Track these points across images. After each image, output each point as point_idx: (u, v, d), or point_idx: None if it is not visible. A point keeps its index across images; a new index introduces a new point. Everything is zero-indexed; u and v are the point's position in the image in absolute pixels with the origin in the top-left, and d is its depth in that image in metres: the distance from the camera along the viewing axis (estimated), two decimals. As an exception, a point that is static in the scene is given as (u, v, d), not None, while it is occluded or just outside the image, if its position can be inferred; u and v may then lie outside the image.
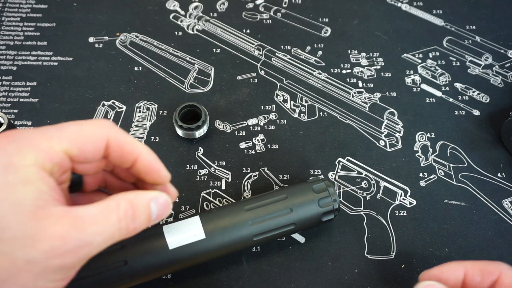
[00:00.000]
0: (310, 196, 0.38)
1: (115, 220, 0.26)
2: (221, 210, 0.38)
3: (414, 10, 0.56)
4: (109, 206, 0.26)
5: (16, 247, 0.23)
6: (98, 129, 0.27)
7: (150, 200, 0.28)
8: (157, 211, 0.28)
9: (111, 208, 0.26)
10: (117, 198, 0.27)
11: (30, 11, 0.54)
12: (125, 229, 0.26)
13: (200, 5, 0.56)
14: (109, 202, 0.26)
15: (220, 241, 0.36)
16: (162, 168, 0.30)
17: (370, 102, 0.49)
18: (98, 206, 0.26)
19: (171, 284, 0.39)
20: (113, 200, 0.26)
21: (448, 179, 0.45)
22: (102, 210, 0.26)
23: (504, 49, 0.53)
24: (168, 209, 0.29)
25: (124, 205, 0.26)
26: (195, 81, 0.50)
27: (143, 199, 0.28)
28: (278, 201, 0.38)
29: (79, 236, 0.24)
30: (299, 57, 0.52)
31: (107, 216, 0.26)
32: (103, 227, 0.25)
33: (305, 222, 0.38)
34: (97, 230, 0.25)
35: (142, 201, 0.28)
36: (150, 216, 0.28)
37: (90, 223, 0.25)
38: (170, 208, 0.29)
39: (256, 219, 0.37)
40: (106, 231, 0.25)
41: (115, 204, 0.26)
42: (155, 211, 0.28)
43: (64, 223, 0.24)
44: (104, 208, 0.26)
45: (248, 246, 0.38)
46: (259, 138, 0.47)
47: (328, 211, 0.38)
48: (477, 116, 0.49)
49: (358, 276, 0.40)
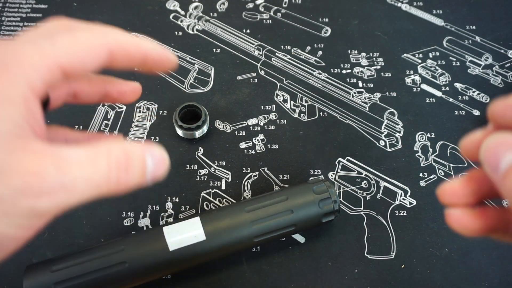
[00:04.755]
0: (310, 197, 0.38)
1: (104, 167, 0.22)
2: (222, 211, 0.38)
3: (414, 10, 0.56)
4: (99, 151, 0.22)
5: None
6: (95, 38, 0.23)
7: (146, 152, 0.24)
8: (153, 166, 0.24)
9: (100, 153, 0.22)
10: (109, 144, 0.22)
11: (30, 11, 0.54)
12: (114, 181, 0.22)
13: (200, 5, 0.56)
14: (99, 147, 0.22)
15: (221, 242, 0.36)
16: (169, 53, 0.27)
17: (370, 102, 0.49)
18: (86, 149, 0.22)
19: (171, 284, 0.39)
20: (104, 145, 0.22)
21: (448, 179, 0.45)
22: (90, 153, 0.22)
23: (504, 49, 0.53)
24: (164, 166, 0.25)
25: (116, 152, 0.22)
26: (195, 81, 0.50)
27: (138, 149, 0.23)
28: (278, 202, 0.38)
29: (58, 177, 0.20)
30: (299, 57, 0.52)
31: (96, 161, 0.21)
32: (89, 172, 0.21)
33: (305, 223, 0.38)
34: (82, 175, 0.21)
35: (138, 152, 0.23)
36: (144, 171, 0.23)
37: (75, 165, 0.21)
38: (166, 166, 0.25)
39: (256, 220, 0.37)
40: (92, 178, 0.21)
41: (106, 149, 0.22)
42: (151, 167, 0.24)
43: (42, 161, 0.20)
44: (93, 152, 0.22)
45: (248, 247, 0.38)
46: (259, 138, 0.47)
47: (328, 212, 0.38)
48: (477, 116, 0.49)
49: (358, 276, 0.40)
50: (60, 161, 0.20)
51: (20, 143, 0.20)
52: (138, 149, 0.23)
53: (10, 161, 0.19)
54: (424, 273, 0.40)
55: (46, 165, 0.20)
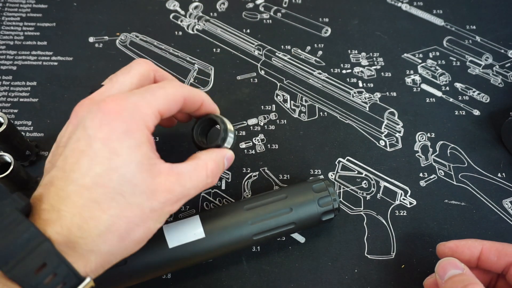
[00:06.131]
0: (310, 196, 0.38)
1: (204, 177, 0.32)
2: (221, 209, 0.38)
3: (414, 10, 0.56)
4: (199, 164, 0.32)
5: (144, 199, 0.29)
6: (178, 91, 0.33)
7: (224, 157, 0.35)
8: (227, 165, 0.36)
9: (201, 167, 0.32)
10: (205, 158, 0.33)
11: (30, 11, 0.54)
12: (210, 182, 0.33)
13: (200, 5, 0.56)
14: (198, 161, 0.33)
15: (220, 240, 0.36)
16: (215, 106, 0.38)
17: (370, 102, 0.49)
18: (192, 164, 0.32)
19: (171, 284, 0.39)
20: (201, 159, 0.33)
21: (448, 179, 0.45)
22: (195, 168, 0.32)
23: (504, 49, 0.53)
24: (231, 161, 0.36)
25: (210, 164, 0.33)
26: (195, 81, 0.50)
27: (221, 157, 0.35)
28: (278, 201, 0.38)
29: (181, 190, 0.30)
30: (299, 57, 0.52)
31: (200, 173, 0.32)
32: (196, 182, 0.32)
33: (305, 221, 0.38)
34: (193, 185, 0.31)
35: (221, 159, 0.35)
36: (223, 169, 0.35)
37: (188, 179, 0.31)
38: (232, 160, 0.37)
39: (256, 219, 0.37)
40: (198, 185, 0.32)
41: (204, 163, 0.33)
42: (226, 165, 0.36)
43: (171, 180, 0.30)
44: (196, 166, 0.32)
45: (248, 246, 0.38)
46: (259, 138, 0.47)
47: (328, 210, 0.38)
48: (477, 116, 0.49)
49: (358, 276, 0.40)
50: (180, 178, 0.31)
51: (155, 169, 0.30)
52: (221, 157, 0.35)
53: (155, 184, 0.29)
54: (424, 273, 0.40)
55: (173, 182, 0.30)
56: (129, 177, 0.28)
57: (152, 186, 0.29)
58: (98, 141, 0.28)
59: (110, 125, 0.28)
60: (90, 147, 0.28)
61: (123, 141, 0.28)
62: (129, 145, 0.28)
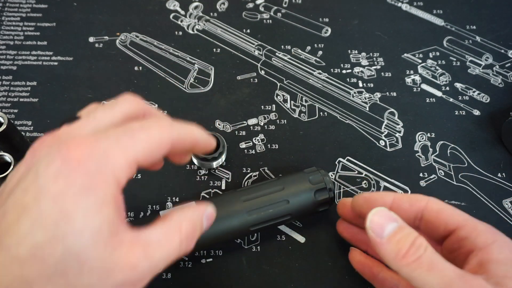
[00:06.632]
0: (304, 182, 0.39)
1: (177, 244, 0.26)
2: (217, 197, 0.39)
3: (414, 10, 0.56)
4: (171, 227, 0.26)
5: (94, 280, 0.22)
6: (165, 133, 0.26)
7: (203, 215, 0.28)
8: (206, 225, 0.29)
9: (173, 230, 0.26)
10: (178, 218, 0.27)
11: (30, 11, 0.54)
12: (184, 249, 0.26)
13: (200, 5, 0.56)
14: (170, 223, 0.26)
15: (216, 229, 0.36)
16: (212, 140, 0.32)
17: (370, 102, 0.49)
18: (162, 228, 0.26)
19: (171, 284, 0.39)
20: (174, 220, 0.26)
21: (448, 179, 0.45)
22: (166, 232, 0.26)
23: (504, 49, 0.53)
24: (212, 219, 0.30)
25: (185, 226, 0.27)
26: (195, 81, 0.50)
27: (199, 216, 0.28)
28: (274, 192, 0.39)
29: (147, 265, 0.24)
30: (299, 57, 0.52)
31: (171, 239, 0.26)
32: (167, 252, 0.25)
33: (299, 207, 0.39)
34: (163, 256, 0.25)
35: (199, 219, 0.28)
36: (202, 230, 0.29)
37: (157, 249, 0.25)
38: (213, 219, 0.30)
39: (252, 210, 0.38)
40: (169, 256, 0.25)
41: (177, 225, 0.26)
42: (205, 226, 0.29)
43: (135, 252, 0.24)
44: (167, 230, 0.26)
45: (244, 235, 0.38)
46: (259, 138, 0.47)
47: (321, 188, 0.39)
48: (477, 116, 0.49)
49: (358, 276, 0.40)
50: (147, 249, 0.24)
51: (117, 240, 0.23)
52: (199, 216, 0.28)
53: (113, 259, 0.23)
54: (424, 273, 0.40)
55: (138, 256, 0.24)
56: (76, 250, 0.22)
57: (109, 261, 0.23)
58: (48, 197, 0.22)
59: (68, 177, 0.22)
60: (37, 204, 0.22)
61: (80, 200, 0.22)
62: (87, 206, 0.22)
